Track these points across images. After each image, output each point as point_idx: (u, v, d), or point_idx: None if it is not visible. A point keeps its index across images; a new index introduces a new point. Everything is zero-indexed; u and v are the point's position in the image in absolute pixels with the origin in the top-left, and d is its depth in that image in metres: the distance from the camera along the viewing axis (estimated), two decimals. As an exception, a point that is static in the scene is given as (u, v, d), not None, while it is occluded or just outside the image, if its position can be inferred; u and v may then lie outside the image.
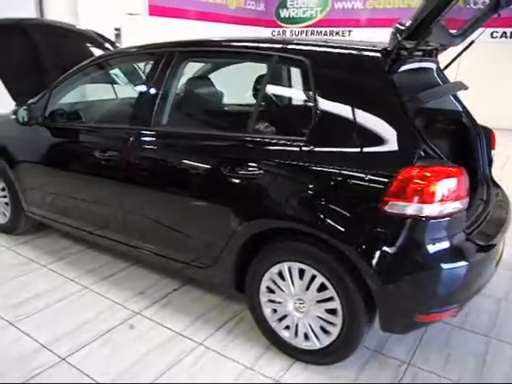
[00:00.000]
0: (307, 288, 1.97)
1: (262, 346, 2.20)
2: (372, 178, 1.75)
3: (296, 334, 2.05)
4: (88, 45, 3.73)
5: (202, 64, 2.84)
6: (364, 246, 1.76)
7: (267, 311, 2.13)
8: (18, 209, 3.20)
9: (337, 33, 9.64)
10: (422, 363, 2.13)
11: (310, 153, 1.87)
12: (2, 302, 2.53)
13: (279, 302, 2.07)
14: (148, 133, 2.36)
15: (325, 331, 1.98)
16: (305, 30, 10.04)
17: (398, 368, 2.09)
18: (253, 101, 2.33)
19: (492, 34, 8.01)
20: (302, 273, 1.97)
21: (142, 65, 3.09)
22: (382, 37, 2.05)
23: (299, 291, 2.00)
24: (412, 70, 2.15)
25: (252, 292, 2.14)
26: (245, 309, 2.48)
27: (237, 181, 2.03)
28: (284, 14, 10.21)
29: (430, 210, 1.71)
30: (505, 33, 7.93)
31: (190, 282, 2.75)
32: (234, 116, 2.24)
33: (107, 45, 3.82)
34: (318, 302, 1.96)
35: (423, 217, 1.71)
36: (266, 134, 2.03)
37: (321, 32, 9.84)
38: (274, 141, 1.98)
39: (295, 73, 2.12)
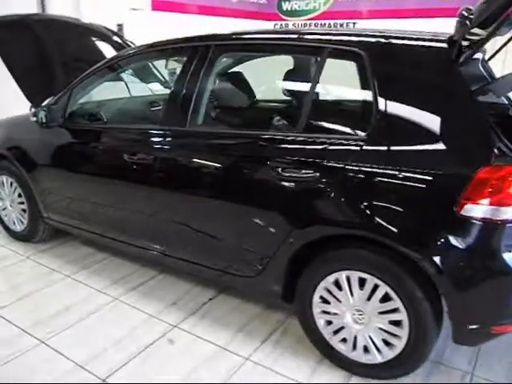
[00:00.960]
0: (368, 298, 1.83)
1: (314, 359, 2.06)
2: (446, 179, 1.61)
3: (354, 347, 1.92)
4: (96, 40, 3.56)
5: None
6: (436, 253, 1.62)
7: (321, 323, 1.98)
8: (36, 215, 3.03)
9: (341, 25, 9.45)
10: (485, 373, 2.00)
11: (374, 152, 1.72)
12: (30, 317, 2.37)
13: (335, 314, 1.93)
14: (184, 133, 2.19)
15: (387, 344, 1.84)
16: (308, 22, 9.85)
17: (462, 379, 1.96)
18: (297, 97, 2.18)
19: None
20: (362, 282, 1.83)
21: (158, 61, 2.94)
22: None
23: (359, 302, 1.85)
24: None
25: (303, 303, 2.00)
26: (288, 318, 2.36)
27: (288, 184, 1.87)
28: (286, 6, 10.01)
29: (509, 212, 1.57)
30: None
31: (225, 290, 2.61)
32: (279, 114, 2.08)
33: (116, 38, 3.65)
34: (381, 313, 1.82)
35: (501, 220, 1.57)
36: (318, 133, 1.88)
37: (324, 24, 9.65)
38: (329, 140, 1.82)
39: (349, 66, 1.96)
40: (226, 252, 2.19)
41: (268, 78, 2.69)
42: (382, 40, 1.82)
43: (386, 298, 1.78)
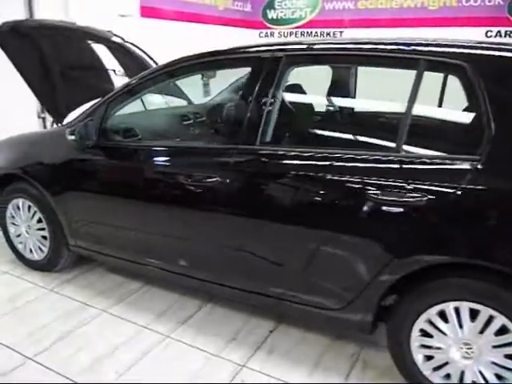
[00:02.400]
0: (481, 331, 1.68)
1: (407, 396, 1.90)
2: None
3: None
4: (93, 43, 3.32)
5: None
6: None
7: (419, 358, 1.82)
8: (60, 243, 2.73)
9: (328, 33, 9.44)
10: None
11: (490, 174, 1.58)
12: (71, 362, 2.08)
13: (438, 348, 1.77)
14: (254, 152, 1.98)
15: (499, 377, 1.70)
16: (294, 31, 9.79)
17: None
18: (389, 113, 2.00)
19: (486, 33, 8.06)
20: (473, 313, 1.67)
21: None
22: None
23: (469, 335, 1.70)
24: None
25: (399, 337, 1.83)
26: (362, 349, 2.18)
27: (388, 209, 1.70)
28: (271, 14, 9.91)
29: None
30: (499, 32, 7.99)
31: (283, 319, 2.40)
32: (367, 132, 1.91)
33: (115, 38, 3.40)
34: (496, 346, 1.67)
35: None
36: (420, 153, 1.72)
37: (311, 33, 9.61)
38: (433, 160, 1.67)
39: (449, 80, 1.82)
40: (303, 283, 1.99)
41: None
42: (487, 52, 1.69)
43: (502, 331, 1.64)
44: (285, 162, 1.94)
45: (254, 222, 2.00)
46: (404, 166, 1.71)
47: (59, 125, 2.73)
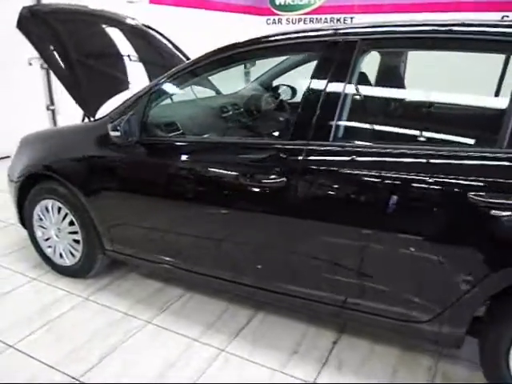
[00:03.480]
0: None
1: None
2: None
3: None
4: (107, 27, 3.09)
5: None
6: None
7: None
8: (95, 247, 2.51)
9: (338, 20, 9.17)
10: None
11: None
12: (131, 379, 1.89)
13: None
14: (329, 150, 1.77)
15: None
16: (303, 17, 9.50)
17: None
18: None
19: (502, 18, 7.83)
20: None
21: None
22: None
23: None
24: None
25: (495, 353, 1.65)
26: (438, 362, 2.00)
27: (493, 213, 1.50)
28: (279, 0, 9.60)
29: None
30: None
31: (344, 329, 2.22)
32: (461, 125, 1.70)
33: (130, 21, 3.21)
34: None
35: None
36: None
37: (320, 19, 9.33)
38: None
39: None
40: (391, 294, 1.78)
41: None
42: None
43: None
44: (366, 160, 1.72)
45: (331, 228, 1.79)
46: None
47: (91, 119, 2.49)
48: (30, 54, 5.31)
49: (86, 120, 2.58)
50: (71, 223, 2.54)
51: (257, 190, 1.89)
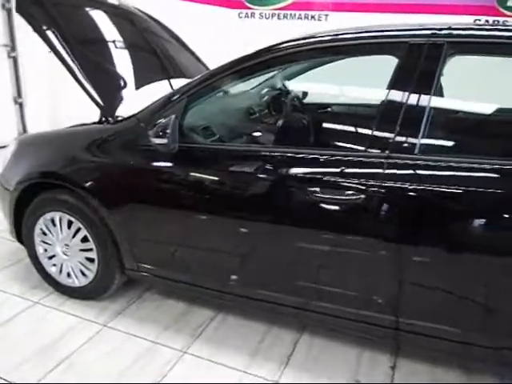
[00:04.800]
0: None
1: None
2: None
3: None
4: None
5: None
6: None
7: None
8: (113, 266, 2.20)
9: (312, 17, 9.07)
10: None
11: None
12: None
13: None
14: (416, 164, 1.59)
15: None
16: (276, 12, 9.31)
17: None
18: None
19: (474, 22, 8.04)
20: None
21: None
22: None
23: None
24: None
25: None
26: None
27: None
28: (253, -6, 9.35)
29: None
30: (487, 21, 8.00)
31: (397, 352, 2.07)
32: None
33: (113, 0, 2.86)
34: None
35: None
36: None
37: (294, 15, 9.19)
38: None
39: None
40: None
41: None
42: None
43: None
44: (464, 176, 1.56)
45: (415, 250, 1.62)
46: None
47: (110, 120, 2.15)
48: (-4, 41, 4.78)
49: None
50: (84, 239, 2.21)
51: (327, 207, 1.69)
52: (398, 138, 1.61)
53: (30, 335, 2.10)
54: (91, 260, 2.24)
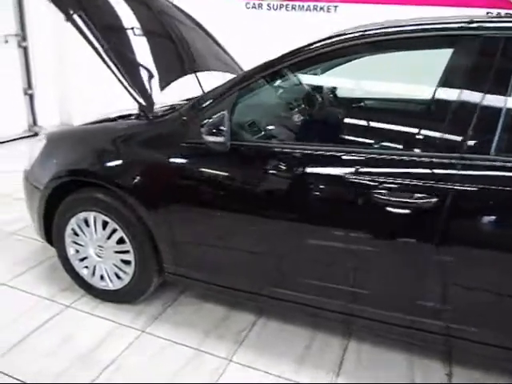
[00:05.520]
0: None
1: None
2: None
3: None
4: None
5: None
6: None
7: None
8: (151, 268, 2.10)
9: (321, 8, 8.89)
10: None
11: None
12: None
13: None
14: (493, 166, 1.49)
15: None
16: (284, 3, 9.13)
17: None
18: None
19: (487, 14, 7.92)
20: None
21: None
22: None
23: None
24: None
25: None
26: None
27: None
28: (259, -16, 9.16)
29: None
30: (499, 14, 7.88)
31: (451, 360, 1.99)
32: None
33: None
34: None
35: None
36: None
37: (302, 7, 9.01)
38: None
39: None
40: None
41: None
42: None
43: None
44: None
45: (495, 257, 1.52)
46: None
47: (150, 116, 2.03)
48: (7, 30, 4.61)
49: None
50: (120, 241, 2.10)
51: (392, 210, 1.59)
52: (472, 138, 1.51)
53: (66, 342, 1.99)
54: (127, 262, 2.13)
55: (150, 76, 2.12)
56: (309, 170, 1.71)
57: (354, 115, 2.22)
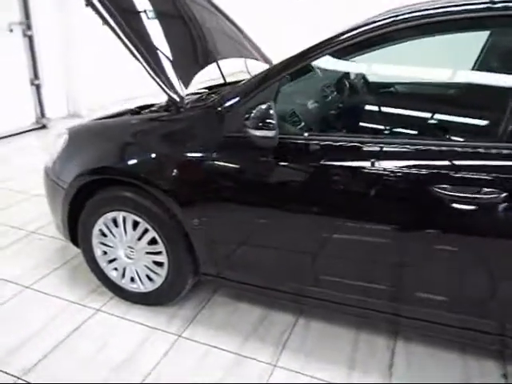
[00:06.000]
0: None
1: None
2: None
3: None
4: None
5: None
6: None
7: None
8: (185, 270, 1.99)
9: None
10: None
11: None
12: None
13: None
14: None
15: None
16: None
17: None
18: None
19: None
20: None
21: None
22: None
23: None
24: None
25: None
26: None
27: None
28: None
29: None
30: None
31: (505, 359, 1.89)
32: None
33: None
34: None
35: None
36: None
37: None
38: None
39: None
40: None
41: None
42: None
43: None
44: None
45: None
46: None
47: (181, 109, 1.89)
48: (11, 18, 4.42)
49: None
50: (152, 241, 1.99)
51: (457, 206, 1.46)
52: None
53: (101, 349, 1.90)
54: (159, 264, 2.02)
55: (178, 67, 1.98)
56: (377, 165, 1.56)
57: (420, 105, 2.05)
